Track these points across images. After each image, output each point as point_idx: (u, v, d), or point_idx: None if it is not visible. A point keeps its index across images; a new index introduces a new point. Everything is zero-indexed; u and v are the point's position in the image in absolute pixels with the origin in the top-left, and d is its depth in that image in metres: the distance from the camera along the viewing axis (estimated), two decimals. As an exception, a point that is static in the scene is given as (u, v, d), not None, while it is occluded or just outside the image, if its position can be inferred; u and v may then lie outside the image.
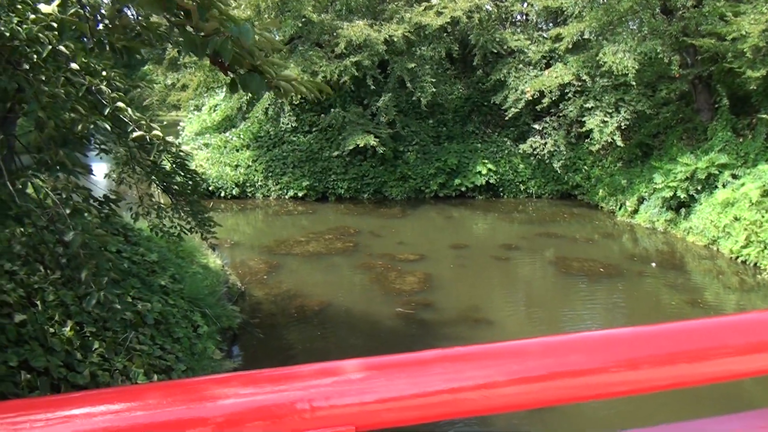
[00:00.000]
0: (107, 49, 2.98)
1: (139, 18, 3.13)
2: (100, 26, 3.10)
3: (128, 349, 4.89)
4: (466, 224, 15.94)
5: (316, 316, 8.94)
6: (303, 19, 15.66)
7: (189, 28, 2.56)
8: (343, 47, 15.71)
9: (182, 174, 6.84)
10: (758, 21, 11.84)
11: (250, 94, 17.99)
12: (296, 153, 17.78)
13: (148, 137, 5.31)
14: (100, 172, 8.45)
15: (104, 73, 4.00)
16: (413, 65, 16.56)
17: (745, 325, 1.13)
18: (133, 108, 4.41)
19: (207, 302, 7.36)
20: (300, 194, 17.38)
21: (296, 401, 0.90)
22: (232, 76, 2.77)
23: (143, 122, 5.19)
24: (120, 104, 3.87)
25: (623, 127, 15.84)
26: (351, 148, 16.46)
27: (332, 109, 17.28)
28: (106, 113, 3.78)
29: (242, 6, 15.52)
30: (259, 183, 17.56)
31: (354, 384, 0.94)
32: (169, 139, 5.75)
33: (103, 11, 3.14)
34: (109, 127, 4.21)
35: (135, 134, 4.33)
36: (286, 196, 17.48)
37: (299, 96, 12.80)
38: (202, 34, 2.55)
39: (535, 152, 17.77)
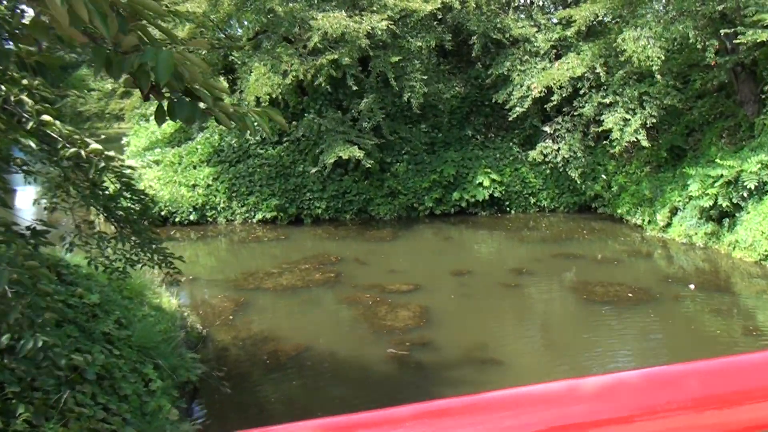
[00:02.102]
0: (9, 64, 2.92)
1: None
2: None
3: (63, 412, 4.78)
4: (468, 246, 15.96)
5: (293, 362, 8.86)
6: (268, 11, 15.65)
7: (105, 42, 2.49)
8: (317, 42, 15.73)
9: (128, 197, 6.78)
10: None
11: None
12: (264, 168, 17.78)
13: (83, 153, 5.26)
14: (28, 197, 8.37)
15: (25, 81, 3.94)
16: (398, 59, 16.59)
17: None
18: (65, 120, 4.36)
19: (161, 351, 7.26)
20: (270, 217, 17.36)
21: None
22: (162, 100, 2.68)
23: (77, 136, 5.14)
24: (46, 117, 3.82)
25: (649, 126, 15.94)
26: (331, 161, 16.39)
27: (306, 115, 17.27)
28: (29, 128, 3.73)
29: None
30: (222, 205, 17.52)
31: None
32: (110, 154, 5.71)
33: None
34: (34, 145, 4.15)
35: (69, 151, 4.28)
36: (254, 220, 17.44)
37: (266, 99, 12.69)
38: (121, 50, 2.48)
39: (546, 159, 17.85)
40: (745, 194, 13.38)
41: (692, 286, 11.93)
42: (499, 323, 10.76)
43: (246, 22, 16.34)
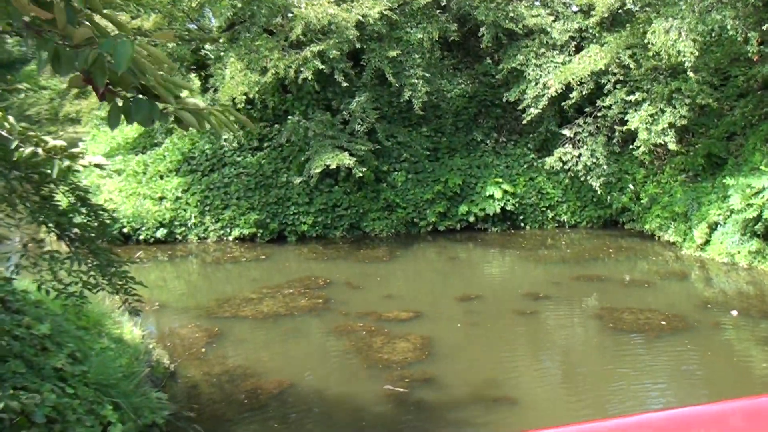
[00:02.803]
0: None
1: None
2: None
3: (7, 462, 4.76)
4: (477, 267, 16.02)
5: (275, 401, 8.86)
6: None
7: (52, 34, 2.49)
8: (301, 33, 15.82)
9: (83, 212, 6.78)
10: None
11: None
12: (242, 178, 17.85)
13: (41, 152, 5.23)
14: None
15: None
16: (396, 53, 16.68)
17: None
18: (14, 119, 4.37)
19: (121, 389, 7.23)
20: (248, 234, 17.42)
21: None
22: (115, 100, 2.71)
23: (32, 134, 5.12)
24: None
25: (679, 126, 16.05)
26: (319, 171, 16.45)
27: (290, 118, 17.33)
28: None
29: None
30: (193, 221, 17.58)
31: None
32: (75, 150, 5.68)
33: None
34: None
35: (26, 151, 4.26)
36: (230, 238, 17.50)
37: (243, 99, 12.72)
38: (70, 44, 2.48)
39: (565, 167, 18.00)
40: (796, 207, 13.51)
41: (735, 313, 12.00)
42: (512, 356, 10.77)
43: (221, 11, 16.36)
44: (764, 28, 14.03)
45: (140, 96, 2.70)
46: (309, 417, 8.56)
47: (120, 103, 2.70)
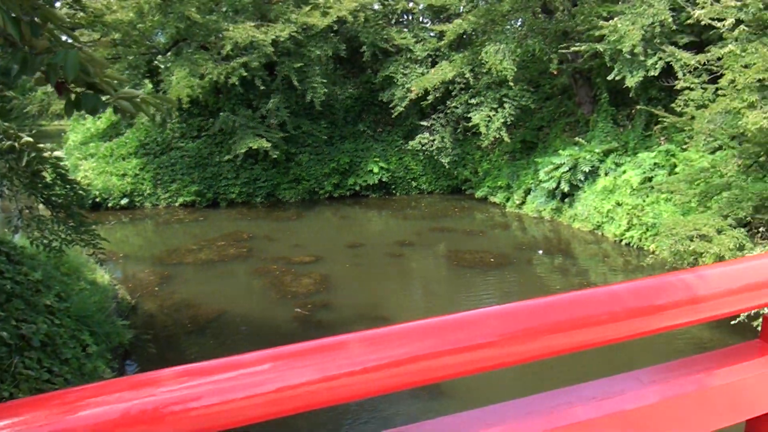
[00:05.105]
0: None
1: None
2: None
3: (14, 375, 4.78)
4: (361, 223, 16.23)
5: (212, 324, 8.91)
6: (187, 21, 15.37)
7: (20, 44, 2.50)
8: (230, 49, 15.58)
9: (61, 185, 6.72)
10: (636, 22, 12.63)
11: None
12: (185, 159, 17.51)
13: (17, 146, 5.19)
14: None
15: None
16: (301, 65, 16.67)
17: (608, 296, 1.22)
18: (12, 118, 4.35)
19: (96, 320, 7.22)
20: (190, 201, 17.17)
21: (167, 404, 0.91)
22: (72, 95, 2.69)
23: (12, 131, 5.08)
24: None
25: (509, 123, 16.58)
26: (243, 151, 16.41)
27: (221, 113, 17.11)
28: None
29: (125, 8, 15.06)
30: (148, 192, 17.18)
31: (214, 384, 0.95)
32: (41, 145, 5.64)
33: None
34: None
35: (6, 144, 4.27)
36: (176, 204, 17.19)
37: (187, 100, 12.45)
38: (34, 52, 2.49)
39: (423, 149, 18.32)
40: (582, 177, 14.24)
41: (541, 252, 12.65)
42: (386, 286, 11.05)
43: (168, 31, 15.92)
44: (561, 51, 14.65)
45: (88, 91, 2.70)
46: (238, 334, 8.67)
47: (72, 97, 2.69)
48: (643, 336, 1.23)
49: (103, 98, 2.72)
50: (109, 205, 16.83)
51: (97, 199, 16.59)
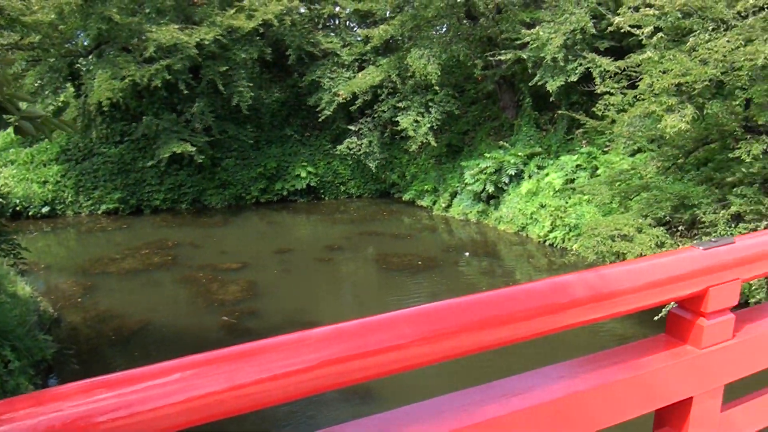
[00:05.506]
0: None
1: None
2: None
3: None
4: (290, 228, 16.19)
5: (137, 335, 8.77)
6: (109, 22, 14.96)
7: None
8: (153, 51, 15.26)
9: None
10: (558, 30, 13.09)
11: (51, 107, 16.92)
12: (108, 165, 17.06)
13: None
14: None
15: None
16: (226, 68, 16.50)
17: (524, 294, 1.29)
18: None
19: (17, 334, 7.00)
20: (113, 208, 16.75)
21: (74, 420, 0.89)
22: None
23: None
24: None
25: (435, 127, 16.86)
26: (167, 156, 16.07)
27: (145, 117, 16.73)
28: None
29: (45, 9, 14.55)
30: (70, 199, 16.67)
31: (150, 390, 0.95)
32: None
33: None
34: None
35: None
36: (99, 212, 16.74)
37: (108, 103, 12.18)
38: None
39: (351, 153, 18.39)
40: (506, 180, 14.64)
41: (467, 254, 12.94)
42: (315, 291, 11.06)
43: (89, 32, 15.44)
44: (485, 57, 15.04)
45: None
46: (163, 345, 8.54)
47: None
48: (553, 333, 1.29)
49: (6, 118, 2.66)
50: (30, 213, 16.24)
51: (18, 208, 16.00)
